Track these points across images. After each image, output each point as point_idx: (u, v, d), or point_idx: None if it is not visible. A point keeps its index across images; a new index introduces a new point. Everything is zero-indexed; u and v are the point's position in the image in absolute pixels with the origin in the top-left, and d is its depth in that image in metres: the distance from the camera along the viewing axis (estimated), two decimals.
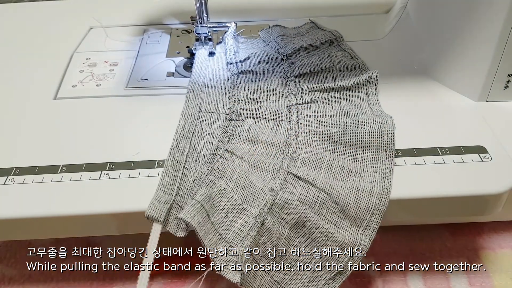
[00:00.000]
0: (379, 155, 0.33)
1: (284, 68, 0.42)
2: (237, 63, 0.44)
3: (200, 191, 0.30)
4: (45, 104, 0.40)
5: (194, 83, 0.41)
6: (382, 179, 0.31)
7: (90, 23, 0.52)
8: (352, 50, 0.45)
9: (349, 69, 0.43)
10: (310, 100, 0.38)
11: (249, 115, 0.37)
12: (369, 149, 0.33)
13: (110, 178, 0.32)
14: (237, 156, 0.33)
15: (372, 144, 0.33)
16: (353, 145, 0.33)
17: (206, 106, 0.38)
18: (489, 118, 0.37)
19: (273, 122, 0.37)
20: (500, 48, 0.36)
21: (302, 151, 0.34)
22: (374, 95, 0.39)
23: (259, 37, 0.49)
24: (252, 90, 0.39)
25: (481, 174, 0.32)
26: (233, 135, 0.35)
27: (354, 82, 0.39)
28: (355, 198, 0.30)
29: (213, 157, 0.33)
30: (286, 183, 0.31)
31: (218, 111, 0.38)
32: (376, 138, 0.33)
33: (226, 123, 0.36)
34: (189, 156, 0.33)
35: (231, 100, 0.38)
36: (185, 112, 0.37)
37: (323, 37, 0.47)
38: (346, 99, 0.39)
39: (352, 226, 0.30)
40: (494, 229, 0.41)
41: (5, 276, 0.39)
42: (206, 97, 0.39)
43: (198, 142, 0.35)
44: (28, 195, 0.31)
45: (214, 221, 0.29)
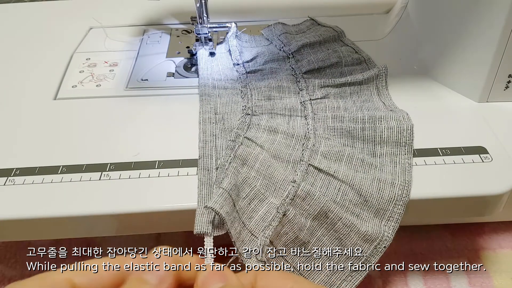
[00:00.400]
0: (398, 151, 0.33)
1: (292, 66, 0.43)
2: (243, 63, 0.44)
3: (226, 179, 0.30)
4: (45, 105, 0.40)
5: (204, 86, 0.41)
6: (403, 172, 0.32)
7: (90, 23, 0.52)
8: (355, 44, 0.45)
9: (355, 63, 0.43)
10: (323, 95, 0.38)
11: (264, 112, 0.37)
12: (387, 145, 0.33)
13: (110, 179, 0.32)
14: (257, 144, 0.33)
15: (391, 140, 0.33)
16: (372, 140, 0.34)
17: (221, 108, 0.38)
18: (489, 118, 0.37)
19: (289, 117, 0.37)
20: (500, 48, 0.36)
21: (321, 145, 0.34)
22: (385, 89, 0.39)
23: (262, 35, 0.49)
24: (264, 88, 0.40)
25: (482, 175, 0.32)
26: (251, 124, 0.35)
27: (364, 77, 0.40)
28: (378, 189, 0.30)
29: (234, 144, 0.33)
30: (307, 175, 0.32)
31: (233, 110, 0.38)
32: (396, 134, 0.33)
33: (244, 116, 0.36)
34: (218, 159, 0.33)
35: (244, 99, 0.39)
36: (202, 117, 0.37)
37: (326, 33, 0.47)
38: (357, 94, 0.39)
39: (375, 217, 0.30)
40: (495, 229, 0.41)
41: (5, 276, 0.39)
42: (219, 99, 0.39)
43: (223, 143, 0.35)
44: (29, 196, 0.31)
45: (238, 209, 0.30)
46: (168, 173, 0.33)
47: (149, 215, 0.31)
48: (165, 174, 0.33)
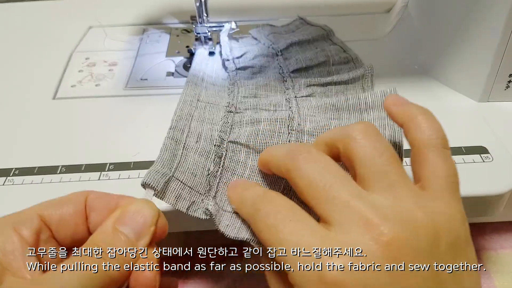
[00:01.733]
0: (385, 114, 0.32)
1: (279, 64, 0.42)
2: (233, 59, 0.43)
3: (224, 197, 0.29)
4: (44, 104, 0.40)
5: (193, 76, 0.40)
6: (393, 134, 0.31)
7: (89, 22, 0.52)
8: (343, 43, 0.45)
9: (342, 62, 0.43)
10: (308, 94, 0.38)
11: (248, 108, 0.37)
12: (374, 110, 0.32)
13: (109, 179, 0.32)
14: (242, 144, 0.32)
15: (377, 104, 0.32)
16: (358, 109, 0.33)
17: (205, 97, 0.38)
18: (490, 118, 0.37)
19: (274, 112, 0.36)
20: (501, 47, 0.36)
21: (307, 122, 0.33)
22: (370, 89, 0.39)
23: (250, 36, 0.48)
24: (251, 86, 0.39)
25: (483, 175, 0.32)
26: (234, 123, 0.35)
27: (350, 76, 0.39)
28: None
29: (220, 150, 0.32)
30: None
31: (217, 103, 0.37)
32: (380, 98, 0.32)
33: (226, 115, 0.36)
34: (189, 137, 0.32)
35: (230, 96, 0.38)
36: (184, 98, 0.36)
37: (314, 32, 0.47)
38: (342, 93, 0.39)
39: None
40: (496, 229, 0.41)
41: None
42: (205, 90, 0.39)
43: (197, 126, 0.34)
44: (28, 196, 0.31)
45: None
46: None
47: None
48: None
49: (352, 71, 0.40)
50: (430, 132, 0.24)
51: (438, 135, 0.24)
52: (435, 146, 0.23)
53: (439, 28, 0.42)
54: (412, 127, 0.24)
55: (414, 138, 0.24)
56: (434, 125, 0.24)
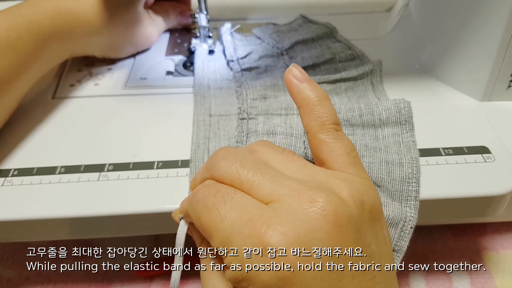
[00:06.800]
0: (399, 130, 0.32)
1: (286, 63, 0.42)
2: (238, 59, 0.43)
3: None
4: (43, 104, 0.40)
5: (199, 86, 0.40)
6: (408, 150, 0.31)
7: None
8: (348, 40, 0.45)
9: (349, 59, 0.43)
10: None
11: (260, 113, 0.37)
12: (388, 126, 0.33)
13: (109, 179, 0.32)
14: None
15: (391, 120, 0.33)
16: (372, 124, 0.33)
17: (215, 109, 0.38)
18: (492, 118, 0.37)
19: (286, 117, 0.36)
20: (503, 46, 0.35)
21: None
22: (380, 84, 0.39)
23: (254, 35, 0.48)
24: (259, 87, 0.39)
25: (484, 175, 0.32)
26: (249, 132, 0.35)
27: (359, 72, 0.39)
28: (387, 172, 0.30)
29: None
30: None
31: (228, 112, 0.37)
32: (394, 114, 0.33)
33: (240, 123, 0.36)
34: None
35: (239, 99, 0.38)
36: (196, 119, 0.36)
37: (318, 30, 0.46)
38: (352, 90, 0.39)
39: (393, 201, 0.30)
40: (497, 229, 0.41)
41: (3, 278, 0.38)
42: (214, 99, 0.39)
43: (216, 146, 0.34)
44: (27, 197, 0.31)
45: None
46: (167, 173, 0.32)
47: (148, 216, 0.30)
48: (164, 175, 0.32)
49: (360, 67, 0.40)
50: (324, 118, 0.25)
51: (331, 120, 0.25)
52: (328, 131, 0.25)
53: (441, 27, 0.41)
54: (307, 112, 0.25)
55: (309, 124, 0.25)
56: (327, 109, 0.25)
